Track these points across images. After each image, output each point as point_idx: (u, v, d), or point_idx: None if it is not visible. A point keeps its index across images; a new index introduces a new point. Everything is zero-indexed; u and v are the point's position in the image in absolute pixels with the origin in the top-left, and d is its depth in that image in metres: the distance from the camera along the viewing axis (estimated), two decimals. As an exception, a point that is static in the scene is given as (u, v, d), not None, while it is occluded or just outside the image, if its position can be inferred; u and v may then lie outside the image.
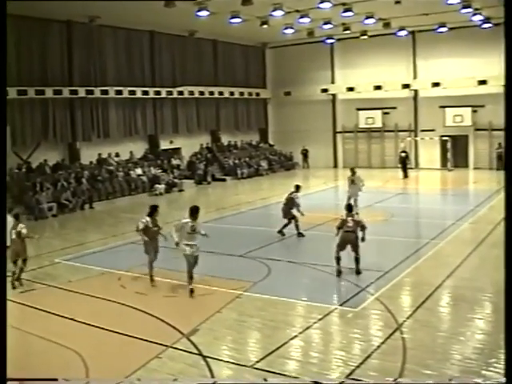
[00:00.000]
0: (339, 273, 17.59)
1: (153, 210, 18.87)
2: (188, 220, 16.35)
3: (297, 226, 23.58)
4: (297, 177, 47.17)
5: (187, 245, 16.30)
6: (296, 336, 13.03)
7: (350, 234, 17.76)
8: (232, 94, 50.27)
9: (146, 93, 42.40)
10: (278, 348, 12.30)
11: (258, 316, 14.41)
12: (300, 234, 23.58)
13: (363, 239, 17.73)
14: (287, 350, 12.35)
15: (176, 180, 41.87)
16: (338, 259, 17.69)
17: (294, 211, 23.68)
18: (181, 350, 12.49)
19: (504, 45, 7.68)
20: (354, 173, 28.82)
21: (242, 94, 51.47)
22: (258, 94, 53.72)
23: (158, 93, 43.39)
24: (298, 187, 24.14)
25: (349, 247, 17.80)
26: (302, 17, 37.18)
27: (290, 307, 15.12)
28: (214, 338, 13.17)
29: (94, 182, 36.82)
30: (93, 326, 14.19)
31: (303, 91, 52.46)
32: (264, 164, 50.58)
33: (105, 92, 39.39)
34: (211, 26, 38.97)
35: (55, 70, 37.24)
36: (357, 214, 19.72)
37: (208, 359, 11.91)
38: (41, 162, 36.48)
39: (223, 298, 15.79)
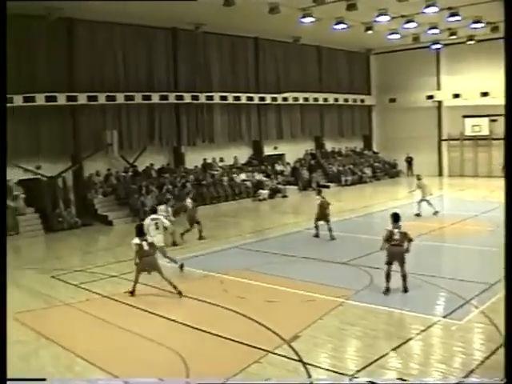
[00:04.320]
0: (387, 291, 16.70)
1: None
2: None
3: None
4: (401, 185, 46.62)
5: None
6: (398, 347, 12.78)
7: (397, 248, 16.70)
8: (336, 100, 50.06)
9: (250, 99, 42.78)
10: (378, 358, 12.11)
11: (360, 325, 14.25)
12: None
13: (407, 250, 16.69)
14: (388, 360, 12.14)
15: (280, 186, 42.04)
16: (388, 276, 16.70)
17: None
18: (281, 355, 12.46)
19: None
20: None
21: (346, 100, 51.20)
22: (362, 101, 53.31)
23: (262, 99, 43.70)
24: None
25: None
26: (407, 22, 36.68)
27: (392, 317, 14.97)
28: (314, 345, 13.10)
29: (198, 186, 37.36)
30: (195, 328, 14.38)
31: (408, 98, 51.82)
32: (368, 171, 50.21)
33: (210, 98, 39.95)
34: (315, 31, 38.88)
35: (161, 76, 38.12)
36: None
37: (308, 366, 11.84)
38: (147, 166, 37.35)
39: (325, 305, 15.71)
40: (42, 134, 32.65)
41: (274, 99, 44.58)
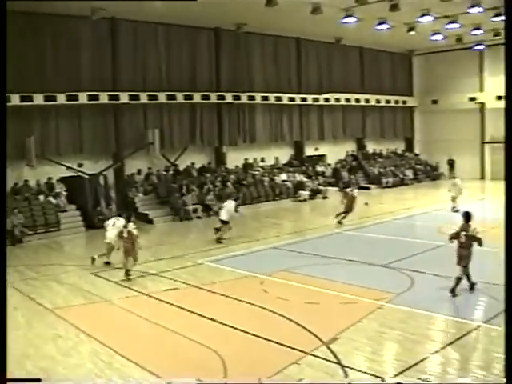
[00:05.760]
0: (452, 292, 16.60)
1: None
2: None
3: None
4: (442, 187, 46.15)
5: None
6: (437, 352, 12.71)
7: (463, 250, 16.60)
8: (378, 101, 49.80)
9: (292, 99, 42.74)
10: (417, 363, 12.03)
11: (399, 328, 14.18)
12: None
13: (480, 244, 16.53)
14: (427, 365, 12.04)
15: (320, 187, 41.88)
16: (459, 279, 16.65)
17: None
18: (320, 357, 12.43)
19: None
20: None
21: (388, 101, 50.91)
22: (404, 102, 52.96)
23: (304, 99, 43.63)
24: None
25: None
26: (450, 22, 36.41)
27: (432, 321, 14.80)
28: (353, 347, 13.05)
29: (239, 186, 37.43)
30: (233, 327, 14.43)
31: (451, 99, 51.34)
32: (409, 173, 49.84)
33: (252, 98, 40.02)
34: (358, 32, 38.65)
35: (203, 75, 38.25)
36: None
37: (346, 369, 11.81)
38: (188, 165, 37.52)
39: (364, 307, 15.66)
40: (84, 132, 33.04)
41: (316, 100, 44.49)
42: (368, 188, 45.67)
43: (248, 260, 22.58)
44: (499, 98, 48.51)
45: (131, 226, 20.32)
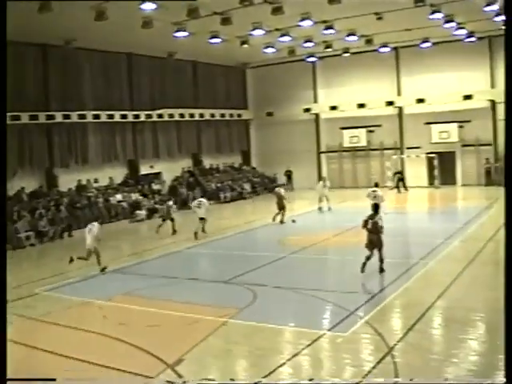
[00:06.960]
0: (363, 267, 19.48)
1: None
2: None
3: None
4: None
5: None
6: (284, 363, 12.53)
7: (372, 235, 19.63)
8: (213, 115, 49.99)
9: (124, 116, 41.99)
10: (265, 376, 11.81)
11: (245, 343, 14.01)
12: None
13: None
14: (276, 377, 11.85)
15: (157, 205, 41.11)
16: (367, 258, 19.56)
17: None
18: (166, 381, 11.90)
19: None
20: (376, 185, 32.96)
21: (223, 115, 51.19)
22: (239, 116, 53.47)
23: (136, 116, 43.00)
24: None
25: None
26: (282, 35, 37.06)
27: (278, 334, 14.65)
28: (200, 367, 12.68)
29: (72, 209, 36.14)
30: (74, 358, 13.57)
31: (286, 111, 52.19)
32: (247, 187, 50.17)
33: (82, 116, 38.91)
34: (190, 46, 38.64)
35: (31, 94, 36.76)
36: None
37: (194, 389, 11.43)
38: (18, 190, 35.69)
39: (209, 325, 15.25)
40: None
41: (149, 116, 43.95)
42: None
43: (86, 286, 21.59)
44: (333, 108, 49.90)
45: None
